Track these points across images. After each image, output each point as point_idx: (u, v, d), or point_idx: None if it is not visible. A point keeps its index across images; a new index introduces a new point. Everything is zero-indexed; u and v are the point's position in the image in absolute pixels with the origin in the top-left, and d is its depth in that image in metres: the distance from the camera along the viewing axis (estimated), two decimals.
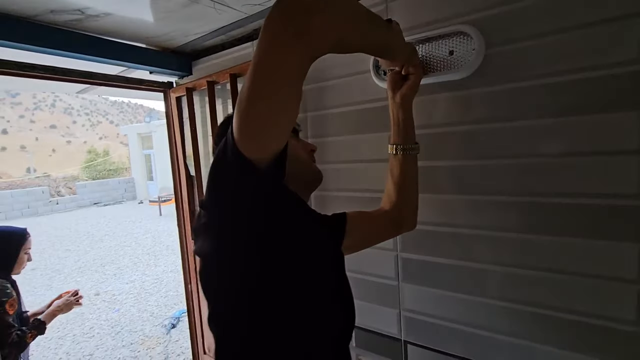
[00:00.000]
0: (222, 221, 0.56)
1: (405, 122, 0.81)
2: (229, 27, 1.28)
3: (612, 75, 0.69)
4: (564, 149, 0.76)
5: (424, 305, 0.99)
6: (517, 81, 0.80)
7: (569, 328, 0.78)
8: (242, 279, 0.56)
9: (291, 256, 0.57)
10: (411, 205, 0.85)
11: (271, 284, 0.56)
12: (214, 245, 0.58)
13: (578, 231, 0.76)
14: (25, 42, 1.10)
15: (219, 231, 0.57)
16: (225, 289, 0.59)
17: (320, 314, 0.61)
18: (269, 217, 0.54)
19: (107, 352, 3.23)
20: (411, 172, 0.83)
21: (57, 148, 43.43)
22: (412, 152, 0.82)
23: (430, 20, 0.89)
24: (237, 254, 0.56)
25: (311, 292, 0.60)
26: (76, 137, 48.18)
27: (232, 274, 0.57)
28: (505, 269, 0.85)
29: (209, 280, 0.62)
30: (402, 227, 0.85)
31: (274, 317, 0.57)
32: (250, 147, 0.48)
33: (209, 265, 0.61)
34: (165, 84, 1.73)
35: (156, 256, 6.26)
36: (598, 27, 0.70)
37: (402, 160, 0.81)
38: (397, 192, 0.82)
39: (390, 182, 0.84)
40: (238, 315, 0.58)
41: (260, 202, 0.53)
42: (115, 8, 1.08)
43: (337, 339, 0.65)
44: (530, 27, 0.77)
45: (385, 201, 0.85)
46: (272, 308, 0.57)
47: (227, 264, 0.57)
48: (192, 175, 1.74)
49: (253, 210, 0.53)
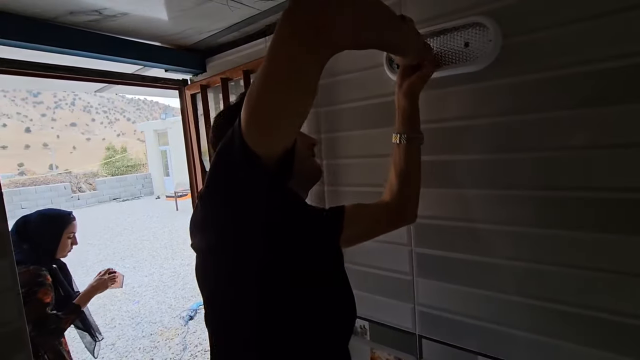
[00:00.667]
0: (222, 215, 0.55)
1: (410, 110, 0.79)
2: (242, 24, 1.28)
3: (637, 65, 0.67)
4: (584, 141, 0.74)
5: (439, 300, 0.99)
6: (535, 72, 0.78)
7: (588, 324, 0.77)
8: (241, 276, 0.55)
9: (290, 252, 0.57)
10: (412, 196, 0.83)
11: (271, 281, 0.55)
12: (212, 240, 0.57)
13: (598, 226, 0.74)
14: (46, 43, 1.13)
15: (217, 226, 0.56)
16: (223, 286, 0.58)
17: (320, 308, 0.61)
18: (269, 213, 0.53)
19: (128, 342, 3.34)
20: (414, 162, 0.81)
21: (77, 145, 44.75)
22: (416, 141, 0.80)
23: (445, 11, 0.88)
24: (235, 250, 0.55)
25: (311, 287, 0.60)
26: (95, 135, 49.51)
27: (230, 270, 0.56)
28: (521, 264, 0.84)
29: (206, 276, 0.61)
30: (402, 219, 0.83)
31: (275, 314, 0.56)
32: (258, 140, 0.47)
33: (206, 260, 0.60)
34: (180, 81, 1.75)
35: (173, 250, 6.41)
36: (622, 14, 0.67)
37: (405, 150, 0.79)
38: (398, 183, 0.80)
39: (393, 173, 0.82)
40: (238, 313, 0.57)
41: (263, 198, 0.52)
42: (131, 8, 1.10)
43: (338, 334, 0.65)
44: (548, 16, 0.75)
45: (387, 192, 0.83)
46: (272, 304, 0.56)
47: (224, 259, 0.56)
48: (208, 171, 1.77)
49: (255, 206, 0.52)
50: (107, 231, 8.39)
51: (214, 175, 0.54)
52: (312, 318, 0.60)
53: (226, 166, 0.52)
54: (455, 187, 0.92)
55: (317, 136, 1.20)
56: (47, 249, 1.51)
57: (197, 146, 1.78)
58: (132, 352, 3.18)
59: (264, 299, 0.56)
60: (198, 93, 1.68)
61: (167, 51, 1.49)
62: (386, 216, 0.81)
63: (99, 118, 53.35)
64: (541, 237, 0.81)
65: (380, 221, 0.81)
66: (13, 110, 45.85)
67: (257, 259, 0.54)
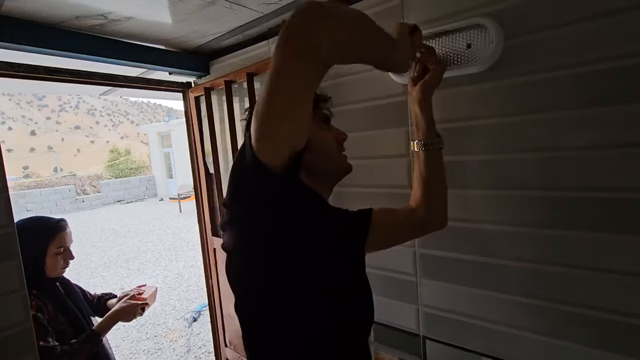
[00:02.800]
0: (241, 220, 0.59)
1: (424, 116, 0.79)
2: (245, 27, 1.29)
3: (638, 65, 0.67)
4: (588, 141, 0.73)
5: (443, 300, 0.99)
6: (538, 73, 0.78)
7: (593, 325, 0.76)
8: (265, 277, 0.58)
9: (309, 255, 0.58)
10: (437, 203, 0.81)
11: (291, 284, 0.58)
12: (237, 241, 0.60)
13: (603, 226, 0.73)
14: (52, 47, 1.15)
15: (239, 228, 0.59)
16: (249, 284, 0.61)
17: (340, 310, 0.62)
18: (284, 217, 0.56)
19: (133, 344, 3.35)
20: (435, 168, 0.80)
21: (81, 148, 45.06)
22: (434, 146, 0.79)
23: (447, 13, 0.88)
24: (257, 252, 0.58)
25: (330, 288, 0.61)
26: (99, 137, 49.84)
27: (254, 270, 0.59)
28: (526, 264, 0.84)
29: (234, 273, 0.64)
30: (427, 226, 0.81)
31: (295, 314, 0.59)
32: (264, 149, 0.51)
33: (234, 260, 0.63)
34: (184, 84, 1.76)
35: (177, 252, 6.43)
36: (622, 14, 0.67)
37: (424, 156, 0.79)
38: (421, 190, 0.79)
39: (415, 180, 0.81)
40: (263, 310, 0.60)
41: (275, 203, 0.54)
42: (136, 12, 1.11)
43: (357, 333, 0.66)
44: (550, 17, 0.75)
45: (412, 199, 0.83)
46: (293, 306, 0.58)
47: (248, 260, 0.60)
48: (211, 173, 1.78)
49: (268, 211, 0.55)
50: (112, 233, 8.43)
51: (233, 183, 0.58)
52: (334, 317, 0.61)
53: (240, 176, 0.57)
54: (459, 187, 0.92)
55: None
56: (32, 268, 1.16)
57: (200, 148, 1.78)
58: (136, 354, 3.19)
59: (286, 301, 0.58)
60: (202, 95, 1.69)
61: (171, 54, 1.50)
62: (412, 223, 0.80)
63: (103, 121, 53.75)
64: (545, 237, 0.81)
65: (406, 228, 0.80)
66: (18, 113, 46.30)
67: (277, 264, 0.57)
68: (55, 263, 1.25)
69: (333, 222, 0.66)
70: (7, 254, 0.87)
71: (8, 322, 0.86)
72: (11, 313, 0.87)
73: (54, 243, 1.24)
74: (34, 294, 1.14)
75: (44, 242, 1.22)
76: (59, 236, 1.26)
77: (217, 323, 1.92)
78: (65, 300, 1.28)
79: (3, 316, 0.86)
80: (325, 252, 0.61)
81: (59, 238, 1.26)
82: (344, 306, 0.63)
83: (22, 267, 0.89)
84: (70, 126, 49.11)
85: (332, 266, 0.62)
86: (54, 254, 1.24)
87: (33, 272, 1.15)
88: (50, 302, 1.22)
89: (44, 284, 1.23)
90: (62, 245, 1.26)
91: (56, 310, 1.23)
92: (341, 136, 0.76)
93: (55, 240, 1.24)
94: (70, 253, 1.30)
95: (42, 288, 1.22)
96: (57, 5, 1.01)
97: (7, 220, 0.88)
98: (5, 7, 0.98)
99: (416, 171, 0.81)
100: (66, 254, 1.28)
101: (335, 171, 0.74)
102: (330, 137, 0.73)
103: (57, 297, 1.26)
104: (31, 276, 1.04)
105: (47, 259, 1.22)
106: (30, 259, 1.11)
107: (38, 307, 1.15)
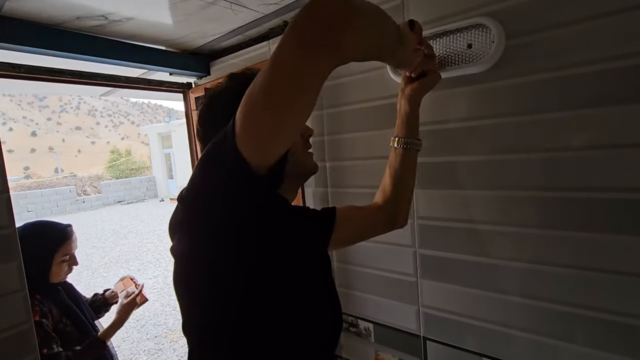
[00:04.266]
0: (207, 218, 0.52)
1: (410, 116, 0.79)
2: (245, 27, 1.29)
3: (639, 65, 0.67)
4: (587, 142, 0.73)
5: (444, 301, 0.99)
6: (538, 73, 0.78)
7: (593, 326, 0.76)
8: (226, 284, 0.53)
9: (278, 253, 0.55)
10: (405, 201, 0.83)
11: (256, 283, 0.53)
12: (193, 244, 0.55)
13: (602, 226, 0.73)
14: (53, 48, 1.15)
15: (201, 228, 0.53)
16: (205, 288, 0.55)
17: (309, 317, 0.59)
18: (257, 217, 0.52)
19: (133, 344, 3.36)
20: (409, 168, 0.80)
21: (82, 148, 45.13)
22: (413, 147, 0.79)
23: (448, 13, 0.88)
24: (220, 255, 0.52)
25: (300, 294, 0.58)
26: (100, 138, 49.92)
27: (214, 277, 0.53)
28: (526, 265, 0.84)
29: (185, 282, 0.58)
30: (394, 223, 0.82)
31: (261, 322, 0.54)
32: (251, 146, 0.45)
33: (186, 265, 0.57)
34: (184, 84, 1.77)
35: None
36: (624, 14, 0.67)
37: (402, 155, 0.79)
38: (392, 187, 0.80)
39: (388, 176, 0.82)
40: (218, 316, 0.54)
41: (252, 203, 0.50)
42: (137, 12, 1.11)
43: (325, 345, 0.63)
44: (551, 17, 0.75)
45: (379, 196, 0.83)
46: (255, 307, 0.53)
47: (207, 266, 0.53)
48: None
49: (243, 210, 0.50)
50: (112, 234, 8.43)
51: (201, 177, 0.52)
52: (294, 324, 0.57)
53: (215, 169, 0.50)
54: (459, 188, 0.92)
55: (321, 138, 1.20)
56: (37, 273, 1.15)
57: (201, 149, 1.78)
58: (136, 355, 3.19)
59: (247, 301, 0.53)
60: (202, 96, 1.69)
61: (172, 55, 1.50)
62: (379, 219, 0.81)
63: (104, 121, 53.82)
64: (545, 238, 0.80)
65: (373, 224, 0.81)
66: (19, 114, 46.38)
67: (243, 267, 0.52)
68: (60, 270, 1.24)
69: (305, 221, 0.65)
70: (8, 254, 0.87)
71: (8, 323, 0.86)
72: (12, 313, 0.87)
73: (61, 251, 1.23)
74: (37, 299, 1.14)
75: (52, 251, 1.20)
76: (66, 244, 1.24)
77: None
78: (68, 303, 1.28)
79: (4, 316, 0.86)
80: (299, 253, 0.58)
81: (65, 246, 1.24)
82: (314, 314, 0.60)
83: (23, 268, 0.89)
84: (71, 127, 49.18)
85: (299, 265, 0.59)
86: (60, 261, 1.23)
87: (37, 278, 1.14)
88: (54, 305, 1.22)
89: (48, 288, 1.23)
90: (69, 253, 1.25)
91: (61, 313, 1.23)
92: (307, 132, 0.71)
93: (62, 248, 1.23)
94: (75, 259, 1.29)
95: (46, 292, 1.21)
96: (58, 6, 1.02)
97: (8, 221, 0.88)
98: (6, 7, 0.99)
99: (390, 168, 0.81)
100: (71, 261, 1.27)
101: (300, 172, 0.69)
102: None
103: (60, 300, 1.26)
104: (35, 281, 1.02)
105: (53, 267, 1.21)
106: (35, 265, 1.12)
107: (42, 313, 1.15)
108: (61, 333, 1.18)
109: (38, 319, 1.11)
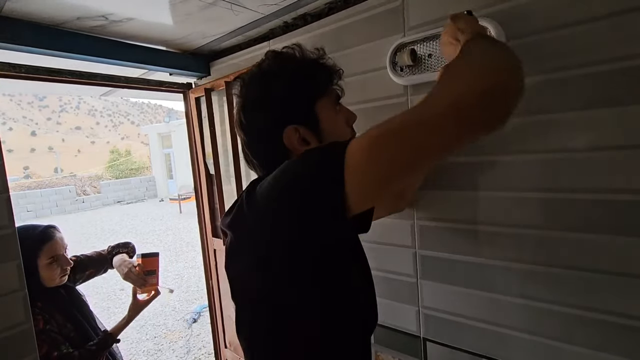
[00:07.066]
0: (274, 252, 0.51)
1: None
2: (245, 28, 1.29)
3: None
4: (588, 143, 0.73)
5: (444, 302, 0.99)
6: (539, 74, 0.78)
7: (594, 327, 0.76)
8: (280, 296, 0.55)
9: (325, 267, 0.54)
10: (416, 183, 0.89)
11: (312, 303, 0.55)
12: (258, 274, 0.54)
13: (604, 228, 0.73)
14: (53, 48, 1.15)
15: (265, 261, 0.52)
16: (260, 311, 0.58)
17: (351, 306, 0.61)
18: (323, 246, 0.51)
19: (133, 345, 3.35)
20: None
21: (82, 148, 45.11)
22: None
23: (447, 14, 0.88)
24: (282, 282, 0.53)
25: (342, 288, 0.59)
26: (99, 138, 49.89)
27: (271, 296, 0.55)
28: (527, 266, 0.84)
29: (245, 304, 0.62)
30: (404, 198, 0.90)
31: (308, 317, 0.56)
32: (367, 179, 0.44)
33: (247, 288, 0.59)
34: (184, 85, 1.77)
35: (177, 252, 6.42)
36: (624, 16, 0.67)
37: None
38: None
39: None
40: (273, 328, 0.58)
41: (326, 237, 0.49)
42: (137, 13, 1.11)
43: (364, 331, 0.66)
44: (551, 19, 0.75)
45: None
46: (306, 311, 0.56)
47: (267, 289, 0.55)
48: (212, 174, 1.78)
49: (319, 249, 0.50)
50: (112, 234, 8.42)
51: (274, 207, 0.49)
52: (347, 318, 0.60)
53: (298, 204, 0.47)
54: (459, 189, 0.92)
55: None
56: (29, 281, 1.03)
57: (201, 149, 1.79)
58: (136, 355, 3.18)
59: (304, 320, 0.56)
60: (202, 96, 1.69)
61: (172, 55, 1.50)
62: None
63: (104, 121, 53.79)
64: (545, 239, 0.80)
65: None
66: (19, 114, 46.37)
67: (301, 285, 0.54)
68: (51, 273, 1.18)
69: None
70: (8, 254, 0.87)
71: (8, 323, 0.86)
72: (11, 313, 0.87)
73: (43, 255, 1.16)
74: (38, 307, 1.11)
75: (32, 256, 1.13)
76: (47, 247, 1.17)
77: (217, 324, 1.92)
78: (70, 307, 1.25)
79: (3, 316, 0.86)
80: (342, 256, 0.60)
81: (47, 249, 1.17)
82: (356, 304, 0.62)
83: (23, 268, 0.89)
84: (70, 127, 49.15)
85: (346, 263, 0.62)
86: (46, 264, 1.16)
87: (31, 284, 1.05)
88: (57, 311, 1.19)
89: (47, 294, 1.19)
90: (53, 254, 1.18)
91: (64, 319, 1.20)
92: (352, 118, 0.71)
93: (43, 251, 1.16)
94: (65, 260, 1.22)
95: (46, 299, 1.17)
96: (58, 6, 1.02)
97: (8, 221, 0.88)
98: (6, 7, 0.99)
99: None
100: (61, 262, 1.20)
101: None
102: (343, 122, 0.68)
103: (63, 305, 1.22)
104: (31, 289, 0.96)
105: (40, 272, 1.15)
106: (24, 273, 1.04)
107: (45, 321, 1.12)
108: (67, 338, 1.16)
109: (42, 327, 1.09)
